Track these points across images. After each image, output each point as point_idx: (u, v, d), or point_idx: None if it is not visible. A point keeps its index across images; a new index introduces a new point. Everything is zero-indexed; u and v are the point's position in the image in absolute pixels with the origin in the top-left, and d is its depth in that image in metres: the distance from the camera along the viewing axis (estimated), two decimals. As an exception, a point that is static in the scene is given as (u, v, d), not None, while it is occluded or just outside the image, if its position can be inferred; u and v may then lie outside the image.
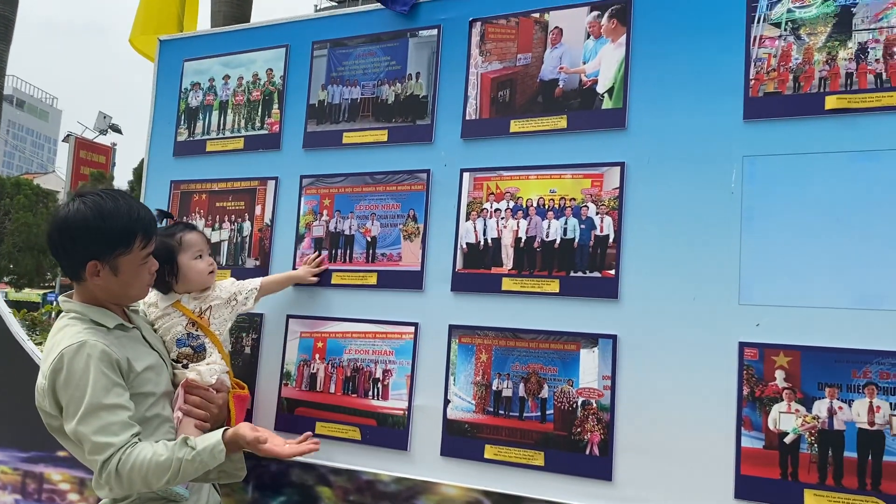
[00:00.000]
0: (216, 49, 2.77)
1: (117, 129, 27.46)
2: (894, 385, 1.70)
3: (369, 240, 2.36)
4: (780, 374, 1.79)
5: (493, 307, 2.14)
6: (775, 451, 1.77)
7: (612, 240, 2.01)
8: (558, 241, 2.09)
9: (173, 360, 2.09)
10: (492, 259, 2.16)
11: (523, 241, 2.13)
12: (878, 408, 1.70)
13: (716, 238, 1.90)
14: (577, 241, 2.06)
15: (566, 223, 2.08)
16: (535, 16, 2.23)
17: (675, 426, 1.87)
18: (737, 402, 1.82)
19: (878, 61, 1.81)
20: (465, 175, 2.23)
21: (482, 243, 2.18)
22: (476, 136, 2.25)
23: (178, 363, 2.09)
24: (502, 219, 2.17)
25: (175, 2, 3.49)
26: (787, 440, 1.77)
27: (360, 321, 2.31)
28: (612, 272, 2.00)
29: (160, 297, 2.15)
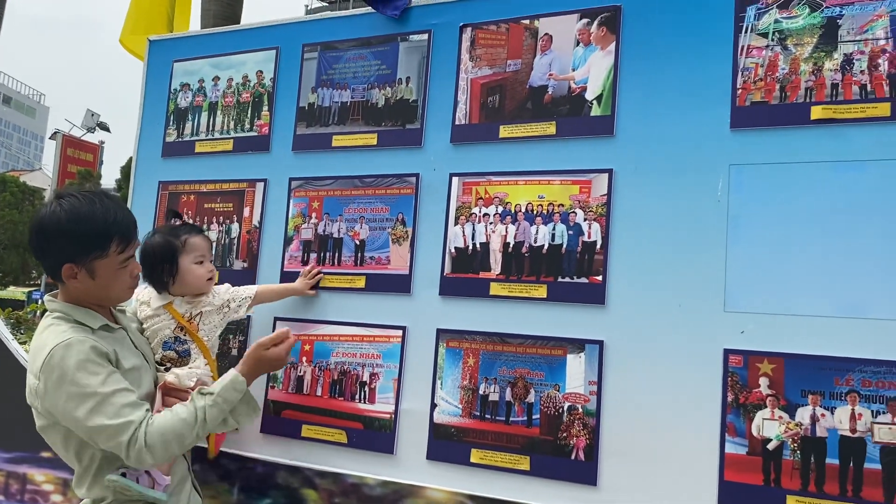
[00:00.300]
0: (206, 50, 2.77)
1: (105, 128, 27.22)
2: (876, 393, 1.72)
3: (358, 243, 2.36)
4: (763, 381, 1.81)
5: (481, 312, 2.14)
6: (758, 458, 1.79)
7: (599, 246, 2.03)
8: (546, 247, 2.10)
9: (157, 363, 2.07)
10: (480, 264, 2.17)
11: (511, 246, 2.14)
12: (859, 415, 1.72)
13: (702, 246, 1.91)
14: (564, 246, 2.07)
15: (554, 229, 2.10)
16: (526, 22, 2.24)
17: (660, 432, 1.88)
18: (721, 408, 1.83)
19: (863, 72, 1.83)
20: (455, 179, 2.24)
21: (470, 248, 2.19)
22: (465, 140, 2.26)
23: (161, 366, 2.07)
24: (491, 224, 2.17)
25: (165, 2, 3.49)
26: (771, 447, 1.78)
27: (348, 324, 2.31)
28: (600, 278, 2.01)
29: (154, 297, 2.13)
